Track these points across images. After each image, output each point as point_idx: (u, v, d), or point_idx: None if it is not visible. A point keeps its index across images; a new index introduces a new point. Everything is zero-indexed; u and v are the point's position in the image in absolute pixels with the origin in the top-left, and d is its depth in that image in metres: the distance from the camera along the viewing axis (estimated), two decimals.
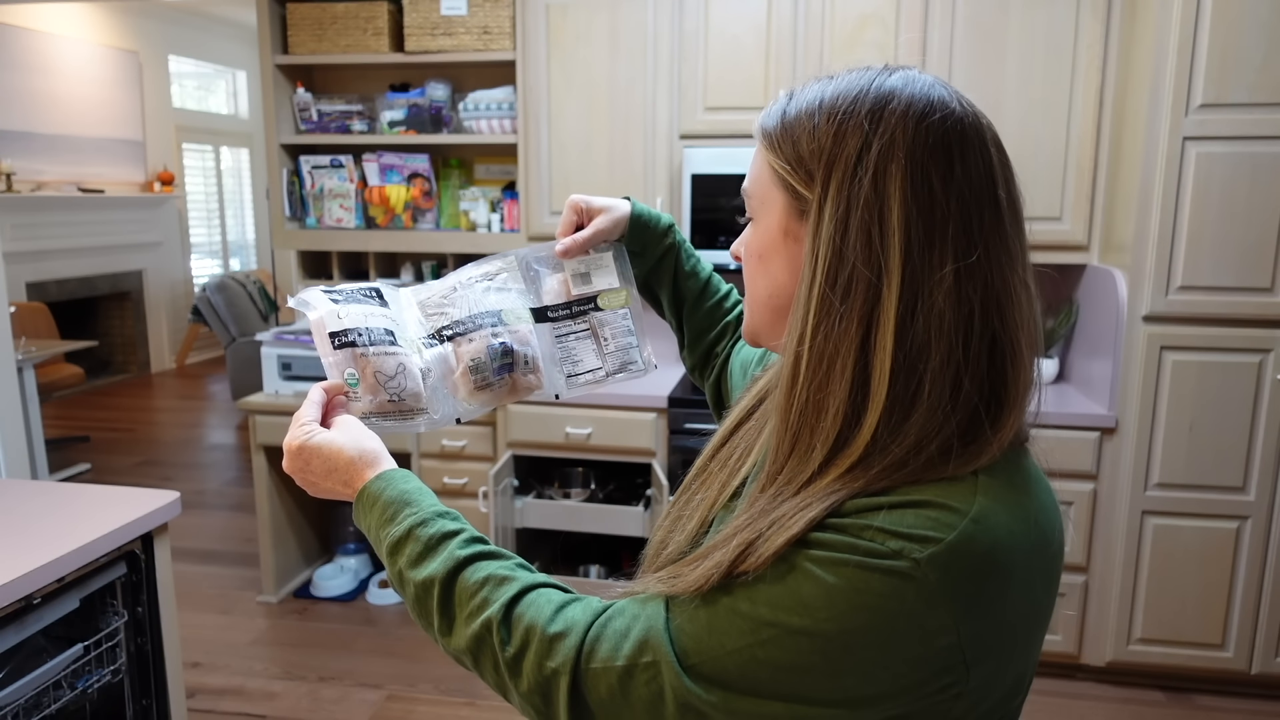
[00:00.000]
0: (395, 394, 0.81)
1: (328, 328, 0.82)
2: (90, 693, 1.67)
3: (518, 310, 0.89)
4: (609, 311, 0.92)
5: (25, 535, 1.57)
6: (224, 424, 5.74)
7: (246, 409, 3.01)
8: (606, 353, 0.92)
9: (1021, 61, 2.59)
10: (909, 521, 0.56)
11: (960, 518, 0.56)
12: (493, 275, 0.91)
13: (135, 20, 6.82)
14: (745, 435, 0.80)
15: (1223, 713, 2.53)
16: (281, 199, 3.15)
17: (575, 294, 0.91)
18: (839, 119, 0.64)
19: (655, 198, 2.84)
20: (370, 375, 0.81)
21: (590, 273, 0.92)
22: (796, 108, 0.68)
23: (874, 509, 0.58)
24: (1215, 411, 2.40)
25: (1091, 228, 2.65)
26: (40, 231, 5.99)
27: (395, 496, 0.74)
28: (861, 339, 0.60)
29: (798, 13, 2.67)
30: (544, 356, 0.90)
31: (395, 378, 0.81)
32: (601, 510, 2.84)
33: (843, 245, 0.61)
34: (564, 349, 0.91)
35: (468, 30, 2.90)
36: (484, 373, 0.86)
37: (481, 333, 0.86)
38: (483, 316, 0.87)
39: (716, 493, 0.77)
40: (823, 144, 0.64)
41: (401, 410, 0.82)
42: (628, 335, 0.92)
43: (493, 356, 0.86)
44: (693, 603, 0.61)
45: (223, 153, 8.06)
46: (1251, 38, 2.22)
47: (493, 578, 0.69)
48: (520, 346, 0.87)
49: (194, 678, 2.68)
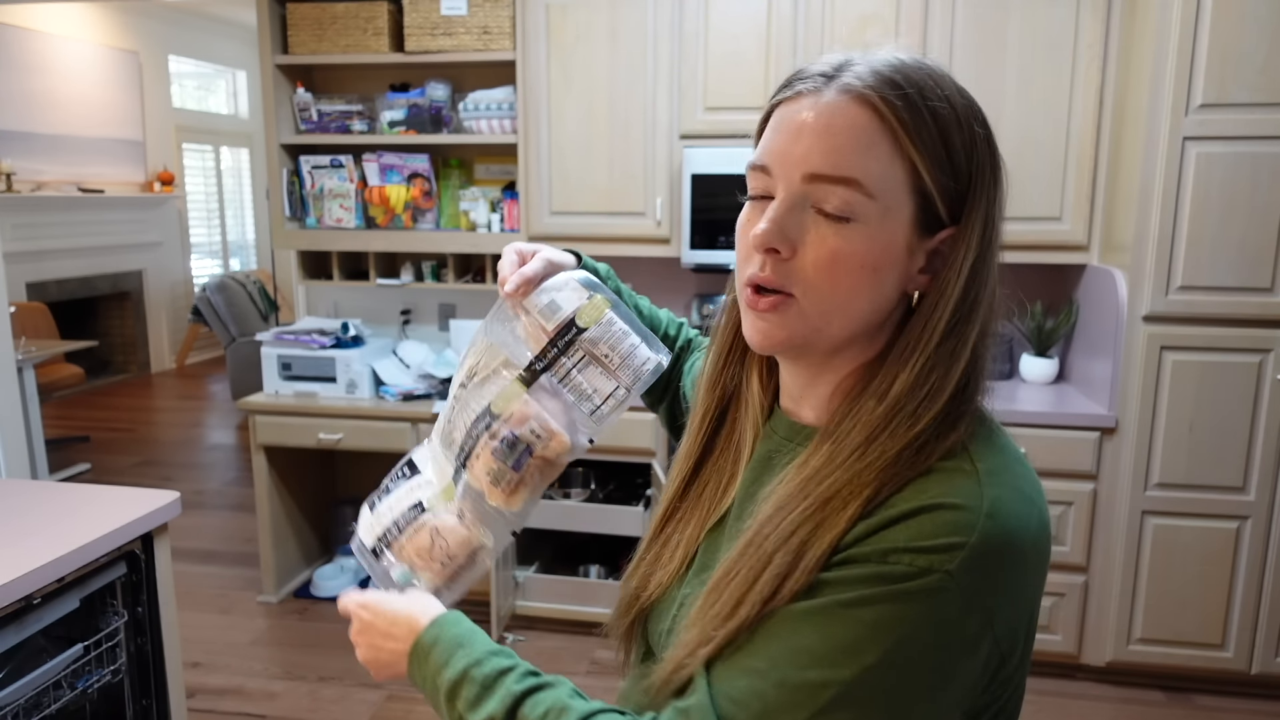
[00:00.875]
0: (443, 559, 0.81)
1: (366, 546, 0.84)
2: (90, 693, 1.66)
3: (506, 391, 0.82)
4: (595, 327, 0.82)
5: (25, 535, 1.57)
6: (224, 424, 5.74)
7: (246, 409, 3.01)
8: (615, 369, 0.83)
9: (1021, 61, 2.59)
10: (928, 532, 0.55)
11: (976, 515, 0.56)
12: (474, 371, 0.84)
13: (135, 20, 6.82)
14: (716, 468, 0.77)
15: (1223, 713, 2.53)
16: (281, 199, 3.15)
17: (552, 329, 0.82)
18: (982, 140, 0.64)
19: (655, 198, 2.84)
20: (413, 558, 0.81)
21: (554, 299, 0.82)
22: (926, 96, 0.61)
23: (886, 525, 0.57)
24: (1215, 411, 2.40)
25: (1091, 228, 2.65)
26: (40, 231, 5.99)
27: (448, 642, 0.72)
28: (952, 351, 0.63)
29: (798, 13, 2.67)
30: (557, 413, 0.82)
31: (434, 546, 0.81)
32: (601, 510, 2.84)
33: (974, 277, 0.63)
34: (574, 389, 0.83)
35: (468, 30, 2.91)
36: (507, 477, 0.81)
37: (481, 442, 0.81)
38: (476, 424, 0.82)
39: (698, 529, 0.75)
40: (975, 164, 0.63)
41: (459, 566, 0.82)
42: (625, 338, 0.83)
43: (504, 458, 0.80)
44: (739, 685, 0.58)
45: (223, 153, 8.06)
46: (1251, 38, 2.22)
47: (551, 710, 0.66)
48: (523, 428, 0.80)
49: (194, 678, 2.68)
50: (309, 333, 3.07)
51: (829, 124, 0.61)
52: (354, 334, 3.06)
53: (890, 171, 0.60)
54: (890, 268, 0.62)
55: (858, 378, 0.67)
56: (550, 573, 2.97)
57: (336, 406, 2.92)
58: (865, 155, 0.60)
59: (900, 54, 0.63)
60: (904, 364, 0.62)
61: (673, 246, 2.87)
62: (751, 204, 0.66)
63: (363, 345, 3.04)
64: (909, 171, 0.61)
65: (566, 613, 2.88)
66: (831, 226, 0.61)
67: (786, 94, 0.64)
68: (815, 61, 0.65)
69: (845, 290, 0.62)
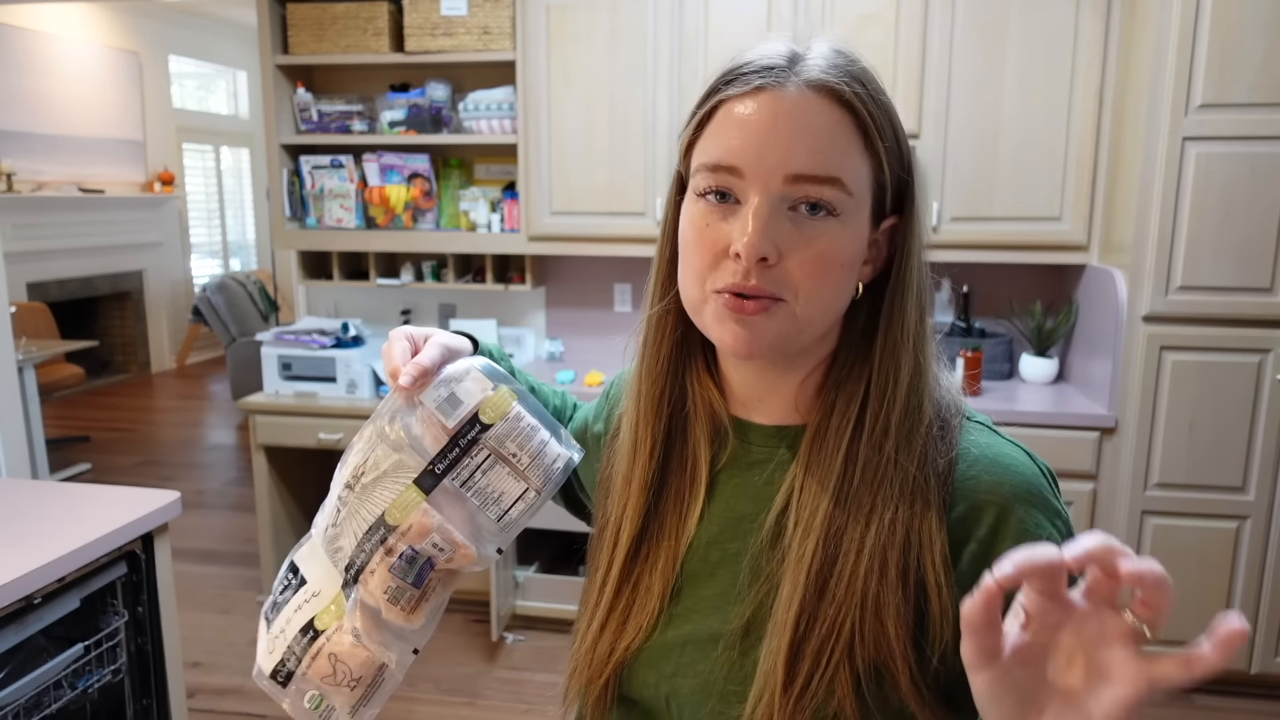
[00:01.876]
0: (349, 683, 0.74)
1: (266, 674, 0.76)
2: (91, 693, 1.67)
3: (400, 500, 0.72)
4: (501, 423, 0.73)
5: (25, 535, 1.57)
6: (224, 424, 5.74)
7: (246, 409, 3.01)
8: (524, 469, 0.74)
9: (1021, 61, 2.59)
10: (1035, 492, 0.64)
11: (1024, 454, 0.66)
12: (361, 471, 0.74)
13: (135, 20, 6.82)
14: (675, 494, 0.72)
15: (1223, 713, 2.53)
16: (281, 199, 3.15)
17: (453, 426, 0.72)
18: (905, 132, 0.66)
19: (655, 198, 2.84)
20: (318, 683, 0.74)
21: (454, 392, 0.73)
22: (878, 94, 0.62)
23: (990, 542, 0.62)
24: (1215, 411, 2.40)
25: (1091, 228, 2.65)
26: (40, 231, 5.99)
27: None
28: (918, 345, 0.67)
29: (797, 13, 2.67)
30: (460, 520, 0.73)
31: (336, 671, 0.74)
32: None
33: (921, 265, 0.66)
34: (478, 494, 0.73)
35: (468, 30, 2.91)
36: (407, 594, 0.73)
37: (375, 558, 0.72)
38: (368, 537, 0.72)
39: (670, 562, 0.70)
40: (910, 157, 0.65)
41: (367, 685, 0.75)
42: (534, 434, 0.74)
43: (403, 574, 0.72)
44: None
45: (223, 153, 8.07)
46: (1251, 38, 2.22)
47: None
48: (424, 541, 0.71)
49: (194, 678, 2.68)
50: (309, 333, 3.07)
51: (805, 122, 0.59)
52: (354, 334, 3.06)
53: (862, 168, 0.61)
54: (857, 263, 0.64)
55: (824, 372, 0.68)
56: (550, 573, 2.97)
57: (336, 406, 2.92)
58: (844, 154, 0.60)
59: (836, 45, 0.63)
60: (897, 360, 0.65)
61: None
62: (707, 204, 0.62)
63: (363, 345, 3.05)
64: (874, 166, 0.62)
65: (567, 613, 2.88)
66: (817, 226, 0.60)
67: (741, 88, 0.61)
68: (758, 50, 0.62)
69: (831, 290, 0.62)
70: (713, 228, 0.62)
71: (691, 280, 0.64)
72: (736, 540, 0.68)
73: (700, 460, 0.71)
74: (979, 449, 0.65)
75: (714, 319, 0.63)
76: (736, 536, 0.68)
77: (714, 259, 0.62)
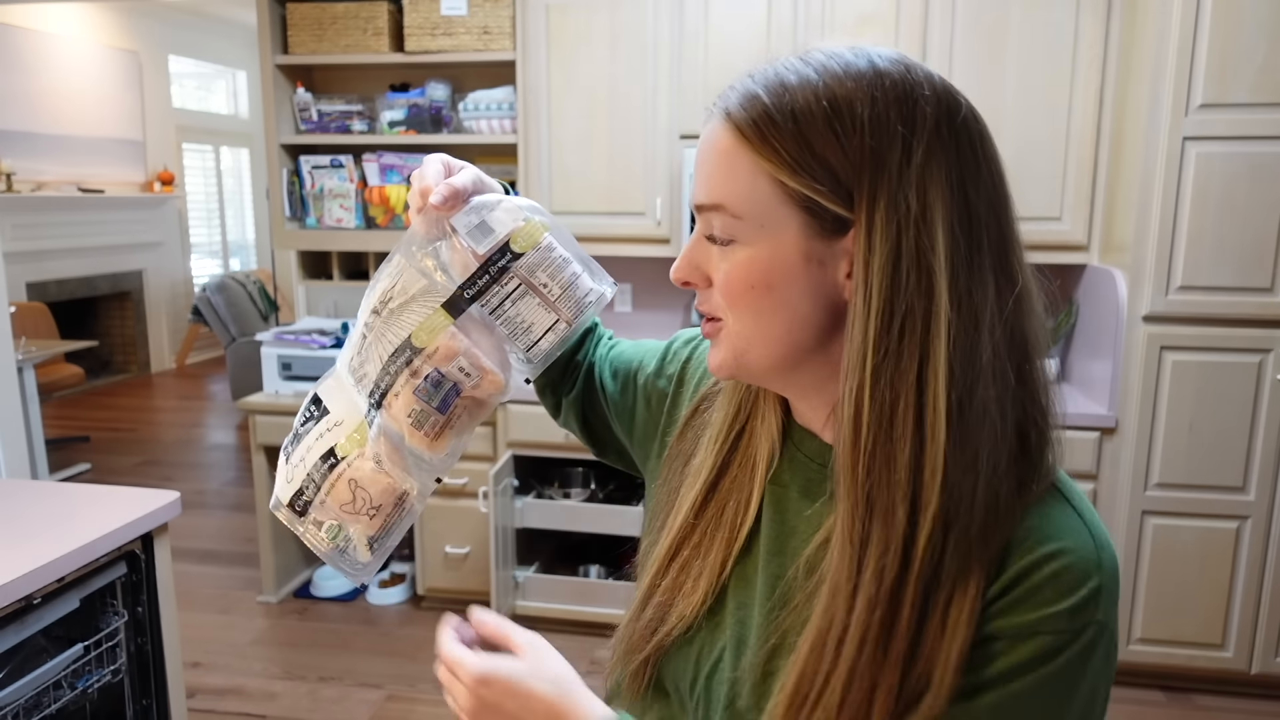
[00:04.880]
0: (368, 511, 0.73)
1: (284, 504, 0.75)
2: (90, 693, 1.67)
3: (428, 322, 0.71)
4: (532, 252, 0.72)
5: (25, 535, 1.57)
6: (224, 424, 5.74)
7: (246, 409, 3.01)
8: (554, 300, 0.73)
9: (1021, 61, 2.59)
10: (1065, 588, 0.55)
11: (1094, 554, 0.57)
12: (389, 295, 0.73)
13: (135, 20, 6.82)
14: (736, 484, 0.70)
15: (1223, 713, 2.53)
16: (281, 199, 3.15)
17: (483, 253, 0.71)
18: (870, 120, 0.55)
19: (655, 198, 2.84)
20: (338, 513, 0.73)
21: (485, 220, 0.72)
22: (791, 101, 0.57)
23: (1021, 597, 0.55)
24: (1215, 411, 2.40)
25: (1091, 228, 2.65)
26: (40, 231, 5.99)
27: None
28: (918, 376, 0.55)
29: (797, 13, 2.67)
30: (488, 348, 0.72)
31: (355, 498, 0.72)
32: (601, 510, 2.84)
33: (895, 275, 0.55)
34: (506, 322, 0.72)
35: (468, 30, 2.90)
36: (430, 419, 0.71)
37: (401, 380, 0.70)
38: (394, 359, 0.71)
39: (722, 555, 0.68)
40: (860, 152, 0.55)
41: (387, 514, 0.73)
42: (566, 266, 0.73)
43: (428, 398, 0.70)
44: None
45: (223, 153, 8.06)
46: (1251, 38, 2.22)
47: None
48: (450, 364, 0.70)
49: (194, 678, 2.68)
50: (309, 333, 3.07)
51: (705, 153, 0.61)
52: None
53: (754, 189, 0.58)
54: (789, 282, 0.58)
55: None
56: (550, 573, 2.97)
57: None
58: (727, 177, 0.59)
59: (797, 55, 0.60)
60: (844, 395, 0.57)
61: (672, 246, 2.87)
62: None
63: None
64: (774, 184, 0.57)
65: (566, 613, 2.88)
66: (719, 252, 0.62)
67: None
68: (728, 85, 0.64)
69: (749, 311, 0.61)
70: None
71: None
72: (782, 556, 0.66)
73: (761, 455, 0.70)
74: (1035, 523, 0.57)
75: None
76: (783, 551, 0.66)
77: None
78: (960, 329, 0.55)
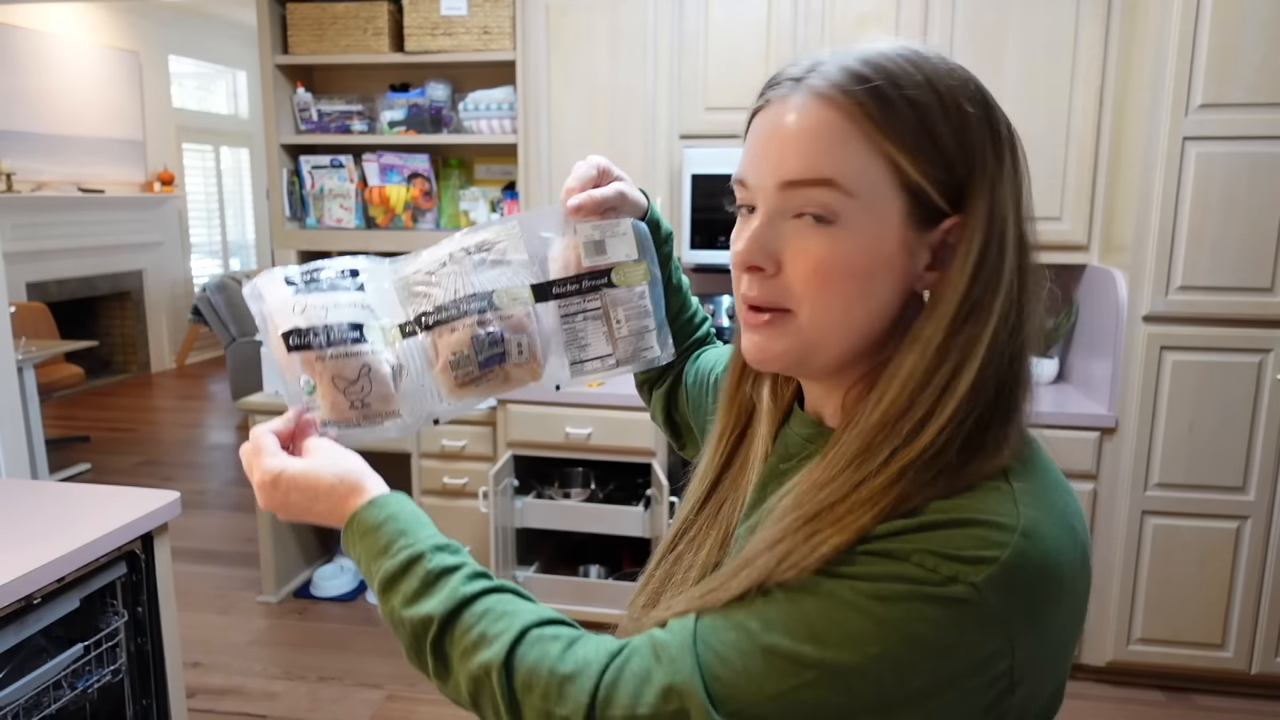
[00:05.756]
0: (357, 399, 0.73)
1: (280, 327, 0.72)
2: (90, 693, 1.67)
3: (514, 289, 0.75)
4: (624, 289, 0.76)
5: (25, 535, 1.57)
6: (224, 424, 5.74)
7: (246, 409, 3.01)
8: (618, 337, 0.77)
9: (1021, 61, 2.59)
10: (958, 543, 0.52)
11: (1010, 534, 0.52)
12: (489, 246, 0.77)
13: (135, 20, 6.82)
14: (733, 484, 0.73)
15: (1223, 713, 2.53)
16: (281, 199, 3.15)
17: (586, 266, 0.76)
18: (975, 120, 0.58)
19: (655, 198, 2.84)
20: (328, 381, 0.72)
21: (605, 240, 0.77)
22: (902, 86, 0.57)
23: (913, 530, 0.54)
24: (1215, 411, 2.40)
25: (1091, 228, 2.65)
26: (40, 231, 5.99)
27: (389, 525, 0.67)
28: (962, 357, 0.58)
29: (798, 13, 2.67)
30: (544, 341, 0.76)
31: (358, 381, 0.72)
32: (601, 510, 2.84)
33: (980, 269, 0.57)
34: (570, 331, 0.77)
35: (468, 30, 2.90)
36: (468, 367, 0.74)
37: (467, 320, 0.74)
38: (470, 300, 0.74)
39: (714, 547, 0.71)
40: (970, 148, 0.58)
41: (367, 416, 0.74)
42: (644, 317, 0.78)
43: (479, 348, 0.74)
44: (725, 637, 0.56)
45: (223, 153, 8.06)
46: (1251, 38, 2.22)
47: (492, 612, 0.62)
48: (514, 334, 0.74)
49: (194, 678, 2.68)
50: None
51: (798, 128, 0.58)
52: None
53: (868, 168, 0.57)
54: (884, 270, 0.58)
55: (869, 381, 0.63)
56: (550, 573, 2.97)
57: None
58: (838, 153, 0.57)
59: (881, 44, 0.60)
60: (901, 367, 0.58)
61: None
62: (740, 217, 0.64)
63: None
64: (889, 167, 0.57)
65: (567, 612, 2.86)
66: (814, 232, 0.58)
67: (760, 103, 0.63)
68: (791, 63, 0.62)
69: (838, 300, 0.59)
70: (738, 239, 0.63)
71: (734, 289, 0.65)
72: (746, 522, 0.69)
73: (758, 455, 0.72)
74: (959, 509, 0.54)
75: (741, 327, 0.65)
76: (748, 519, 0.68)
77: (738, 270, 0.63)
78: (1001, 320, 0.58)
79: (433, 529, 0.68)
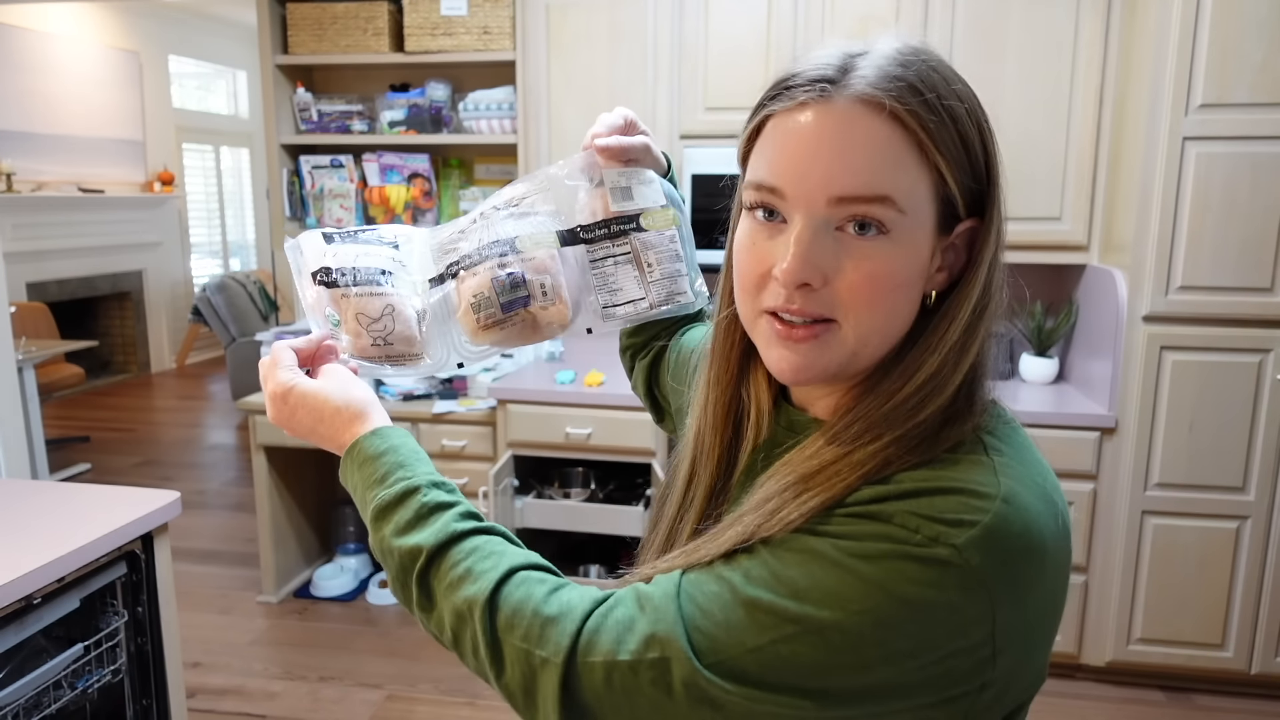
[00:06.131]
0: (380, 337, 0.74)
1: (309, 266, 0.75)
2: (90, 693, 1.66)
3: (538, 235, 0.75)
4: (653, 233, 0.77)
5: (25, 535, 1.57)
6: (224, 424, 5.73)
7: (246, 409, 3.01)
8: (650, 280, 0.77)
9: (1021, 61, 2.59)
10: (940, 507, 0.53)
11: (991, 500, 0.53)
12: (518, 200, 0.78)
13: (135, 20, 6.82)
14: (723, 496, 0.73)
15: (1223, 713, 2.53)
16: (281, 199, 3.15)
17: (614, 211, 0.76)
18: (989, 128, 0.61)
19: None
20: (352, 317, 0.74)
21: (632, 187, 0.77)
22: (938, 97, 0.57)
23: (896, 496, 0.54)
24: (1215, 411, 2.40)
25: (1091, 228, 2.65)
26: (40, 231, 5.99)
27: (388, 456, 0.68)
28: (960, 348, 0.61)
29: (798, 13, 2.67)
30: (573, 285, 0.76)
31: (380, 320, 0.74)
32: (601, 510, 2.84)
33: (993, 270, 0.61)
34: (600, 275, 0.77)
35: (468, 30, 2.91)
36: (489, 309, 0.74)
37: (487, 264, 0.74)
38: (492, 246, 0.75)
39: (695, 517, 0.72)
40: (989, 157, 0.60)
41: (390, 355, 0.75)
42: (675, 261, 0.78)
43: (500, 290, 0.73)
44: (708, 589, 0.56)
45: (223, 153, 8.06)
46: (1251, 38, 2.22)
47: (481, 550, 0.62)
48: (536, 275, 0.74)
49: (194, 678, 2.68)
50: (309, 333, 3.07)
51: (850, 140, 0.56)
52: None
53: (919, 182, 0.57)
54: (920, 278, 0.60)
55: (869, 377, 0.63)
56: None
57: None
58: (894, 170, 0.56)
59: (899, 45, 0.59)
60: (920, 368, 0.60)
61: None
62: (755, 221, 0.61)
63: None
64: (934, 179, 0.58)
65: None
66: (865, 247, 0.57)
67: (786, 103, 0.59)
68: (809, 59, 0.60)
69: (885, 311, 0.58)
70: (759, 246, 0.60)
71: (743, 296, 0.63)
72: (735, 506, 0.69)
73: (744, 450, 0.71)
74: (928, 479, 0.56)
75: (765, 341, 0.62)
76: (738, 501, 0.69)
77: (760, 279, 0.61)
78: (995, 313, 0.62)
79: (430, 466, 0.69)
